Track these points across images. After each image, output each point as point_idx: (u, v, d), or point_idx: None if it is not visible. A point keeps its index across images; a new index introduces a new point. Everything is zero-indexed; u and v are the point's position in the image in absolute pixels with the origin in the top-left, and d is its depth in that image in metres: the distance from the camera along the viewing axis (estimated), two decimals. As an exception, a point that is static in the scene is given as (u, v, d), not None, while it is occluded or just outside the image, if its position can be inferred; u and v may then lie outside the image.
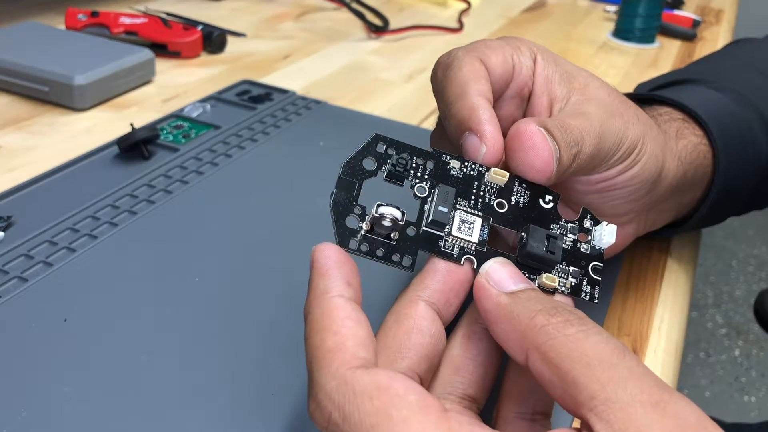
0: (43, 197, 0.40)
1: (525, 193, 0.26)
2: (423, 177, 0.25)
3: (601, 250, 0.26)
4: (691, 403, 0.18)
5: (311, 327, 0.21)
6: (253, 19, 0.78)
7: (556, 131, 0.26)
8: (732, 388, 1.46)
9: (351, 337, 0.20)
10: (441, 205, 0.24)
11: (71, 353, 0.29)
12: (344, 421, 0.19)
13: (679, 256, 0.41)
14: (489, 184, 0.25)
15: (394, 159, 0.24)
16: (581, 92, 0.29)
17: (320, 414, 0.19)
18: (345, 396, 0.19)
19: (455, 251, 0.24)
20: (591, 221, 0.26)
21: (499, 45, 0.30)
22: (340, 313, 0.21)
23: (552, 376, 0.19)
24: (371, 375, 0.19)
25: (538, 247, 0.24)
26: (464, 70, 0.27)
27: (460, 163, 0.25)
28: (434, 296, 0.23)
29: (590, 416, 0.18)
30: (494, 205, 0.25)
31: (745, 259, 1.87)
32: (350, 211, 0.23)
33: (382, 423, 0.18)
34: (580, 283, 0.25)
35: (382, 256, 0.23)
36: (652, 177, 0.30)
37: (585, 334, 0.19)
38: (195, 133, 0.48)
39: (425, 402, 0.19)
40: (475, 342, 0.23)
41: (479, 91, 0.27)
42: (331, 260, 0.22)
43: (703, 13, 1.00)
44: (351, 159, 0.24)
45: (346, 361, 0.19)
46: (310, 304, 0.21)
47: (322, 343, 0.20)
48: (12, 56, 0.53)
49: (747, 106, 0.37)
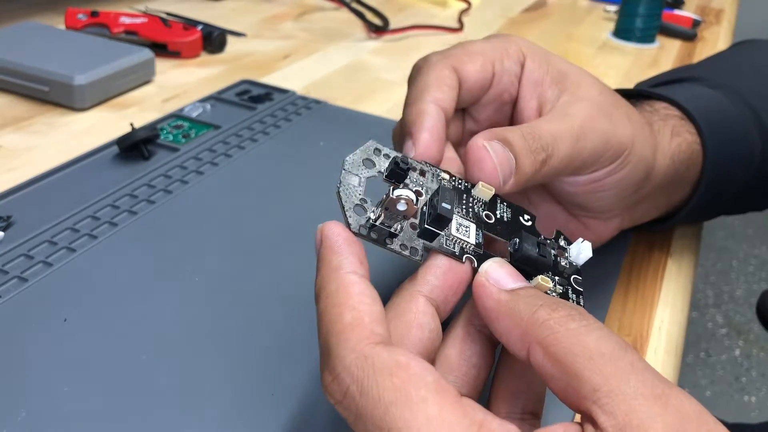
0: (43, 197, 0.40)
1: (507, 210, 0.27)
2: (418, 182, 0.25)
3: (578, 266, 0.26)
4: (691, 398, 0.18)
5: (326, 302, 0.21)
6: (253, 19, 0.78)
7: (518, 140, 0.26)
8: (732, 388, 1.46)
9: (368, 314, 0.20)
10: (444, 203, 0.24)
11: (71, 353, 0.29)
12: (361, 395, 0.19)
13: (679, 256, 0.41)
14: (476, 197, 0.26)
15: (394, 158, 0.25)
16: (572, 92, 0.29)
17: (337, 386, 0.19)
18: (364, 370, 0.19)
19: (456, 249, 0.24)
20: (565, 241, 0.27)
21: (481, 50, 0.30)
22: (355, 289, 0.21)
23: (554, 370, 0.19)
24: (390, 352, 0.19)
25: (531, 250, 0.24)
26: (430, 76, 0.28)
27: (449, 176, 0.26)
28: (434, 292, 0.23)
29: (593, 408, 0.18)
30: (483, 216, 0.26)
31: (745, 259, 1.87)
32: (357, 200, 0.24)
33: (400, 401, 0.18)
34: (566, 291, 0.26)
35: (391, 245, 0.24)
36: (641, 177, 0.31)
37: (587, 329, 0.19)
38: (195, 133, 0.48)
39: (442, 385, 0.19)
40: (469, 343, 0.23)
41: (435, 98, 0.27)
42: (341, 237, 0.22)
43: (703, 13, 1.00)
44: (352, 156, 0.25)
45: (365, 336, 0.20)
46: (323, 280, 0.22)
47: (339, 317, 0.20)
48: (12, 56, 0.53)
49: (741, 105, 0.37)
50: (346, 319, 0.20)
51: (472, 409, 0.18)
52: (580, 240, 0.27)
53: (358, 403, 0.19)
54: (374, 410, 0.18)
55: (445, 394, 0.18)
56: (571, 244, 0.27)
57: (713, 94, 0.37)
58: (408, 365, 0.19)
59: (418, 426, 0.18)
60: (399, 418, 0.18)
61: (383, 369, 0.19)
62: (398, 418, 0.18)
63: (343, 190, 0.24)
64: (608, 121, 0.29)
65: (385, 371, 0.19)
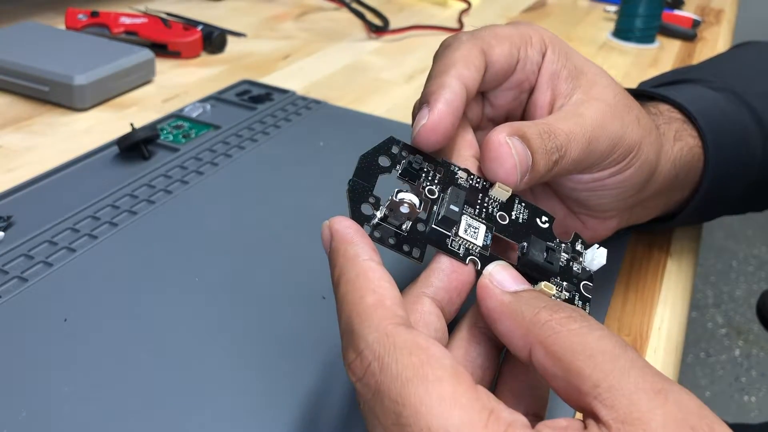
0: (43, 197, 0.40)
1: (524, 210, 0.27)
2: (434, 181, 0.25)
3: (591, 272, 0.26)
4: (690, 393, 0.18)
5: (347, 287, 0.21)
6: (253, 19, 0.78)
7: (536, 139, 0.26)
8: (732, 388, 1.46)
9: (389, 297, 0.21)
10: (452, 205, 0.24)
11: (71, 353, 0.29)
12: (381, 372, 0.19)
13: (679, 256, 0.41)
14: (492, 197, 0.26)
15: (409, 158, 0.25)
16: (586, 91, 0.29)
17: (359, 363, 0.20)
18: (385, 348, 0.19)
19: (461, 251, 0.24)
20: (582, 245, 0.27)
21: (509, 35, 0.30)
22: (375, 274, 0.21)
23: (556, 369, 0.20)
24: (411, 333, 0.20)
25: (538, 256, 0.25)
26: (458, 53, 0.28)
27: (467, 174, 0.26)
28: (439, 294, 0.24)
29: (595, 404, 0.18)
30: (497, 216, 0.26)
31: (745, 260, 1.87)
32: (366, 199, 0.24)
33: (417, 378, 0.19)
34: (573, 297, 0.25)
35: (394, 245, 0.24)
36: (644, 180, 0.31)
37: (588, 329, 0.20)
38: (195, 133, 0.48)
39: (458, 369, 0.19)
40: (474, 345, 0.24)
41: (459, 74, 0.27)
42: (352, 229, 0.23)
43: (703, 13, 1.00)
44: (368, 153, 0.25)
45: (387, 316, 0.20)
46: (341, 269, 0.22)
47: (361, 300, 0.21)
48: (12, 56, 0.53)
49: (742, 107, 0.37)
50: (368, 301, 0.21)
51: (486, 396, 0.19)
52: (595, 246, 0.27)
53: (378, 379, 0.19)
54: (392, 386, 0.19)
55: (461, 378, 0.19)
56: (588, 248, 0.27)
57: (715, 97, 0.37)
58: (427, 347, 0.19)
59: (431, 403, 0.18)
60: (413, 394, 0.18)
61: (403, 348, 0.19)
62: (412, 394, 0.18)
63: (354, 187, 0.24)
64: (620, 124, 0.29)
65: (405, 350, 0.19)
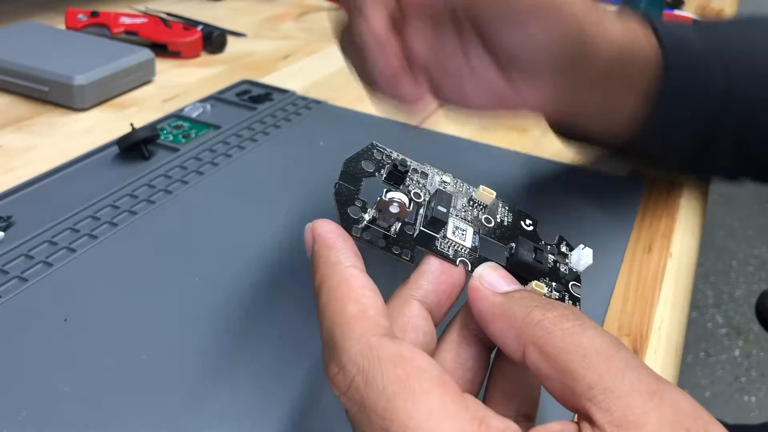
0: (43, 197, 0.40)
1: (508, 213, 0.27)
2: (418, 184, 0.25)
3: (578, 273, 0.26)
4: (685, 394, 0.18)
5: (328, 295, 0.21)
6: (253, 19, 0.79)
7: None
8: (732, 388, 1.46)
9: (372, 306, 0.20)
10: (440, 206, 0.24)
11: (71, 353, 0.29)
12: (366, 386, 0.18)
13: (679, 256, 0.41)
14: (477, 201, 0.26)
15: (393, 162, 0.25)
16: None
17: (342, 378, 0.19)
18: (369, 361, 0.19)
19: (450, 252, 0.24)
20: (567, 247, 0.27)
21: None
22: (357, 282, 0.21)
23: (549, 370, 0.19)
24: (395, 344, 0.19)
25: (527, 255, 0.24)
26: None
27: (450, 178, 0.26)
28: (428, 297, 0.23)
29: (589, 406, 0.18)
30: (482, 219, 0.26)
31: (745, 260, 1.87)
32: (353, 201, 0.24)
33: (404, 392, 0.18)
34: (563, 297, 0.25)
35: (384, 246, 0.24)
36: (572, 36, 0.29)
37: (581, 328, 0.20)
38: (195, 133, 0.48)
39: (445, 379, 0.19)
40: (464, 347, 0.23)
41: None
42: (335, 234, 0.22)
43: (703, 13, 1.00)
44: (351, 158, 0.25)
45: (370, 327, 0.20)
46: (322, 275, 0.22)
47: (343, 309, 0.20)
48: (12, 56, 0.53)
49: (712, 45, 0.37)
50: (350, 312, 0.20)
51: (474, 405, 0.19)
52: (581, 246, 0.27)
53: (363, 394, 0.18)
54: (378, 400, 0.18)
55: (448, 388, 0.18)
56: (573, 250, 0.27)
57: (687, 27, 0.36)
58: (412, 358, 0.19)
59: (419, 417, 0.18)
60: (401, 408, 0.18)
61: (388, 360, 0.19)
62: (400, 409, 0.18)
63: (340, 190, 0.24)
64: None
65: (390, 362, 0.19)
